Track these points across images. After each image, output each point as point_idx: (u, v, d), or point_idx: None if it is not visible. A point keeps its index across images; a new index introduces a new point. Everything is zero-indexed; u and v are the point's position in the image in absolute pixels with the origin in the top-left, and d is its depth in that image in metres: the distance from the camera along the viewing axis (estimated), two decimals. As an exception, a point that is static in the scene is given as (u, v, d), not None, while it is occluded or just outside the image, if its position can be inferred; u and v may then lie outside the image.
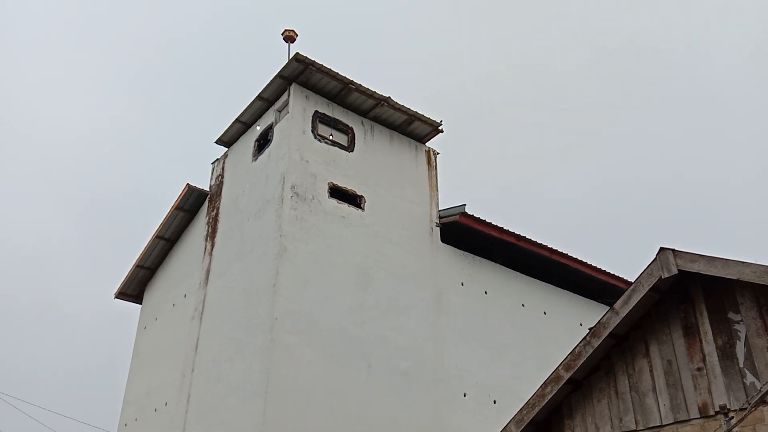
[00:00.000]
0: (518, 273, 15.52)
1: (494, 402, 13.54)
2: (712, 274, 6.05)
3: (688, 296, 6.47)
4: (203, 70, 54.34)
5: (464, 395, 13.28)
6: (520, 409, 7.27)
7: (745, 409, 5.65)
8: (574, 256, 15.78)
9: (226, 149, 16.12)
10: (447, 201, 15.48)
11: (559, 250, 15.54)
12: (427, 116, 15.18)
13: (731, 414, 5.68)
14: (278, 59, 16.98)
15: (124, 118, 51.88)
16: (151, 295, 17.10)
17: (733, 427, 5.44)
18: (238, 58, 53.48)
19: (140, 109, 52.63)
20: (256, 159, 14.46)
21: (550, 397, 7.03)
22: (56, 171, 48.30)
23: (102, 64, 52.90)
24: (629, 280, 15.28)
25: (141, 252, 16.90)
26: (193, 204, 16.25)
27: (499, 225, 14.83)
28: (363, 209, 13.82)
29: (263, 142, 14.59)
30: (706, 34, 49.98)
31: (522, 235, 15.04)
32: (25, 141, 47.30)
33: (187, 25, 53.63)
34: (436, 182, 15.56)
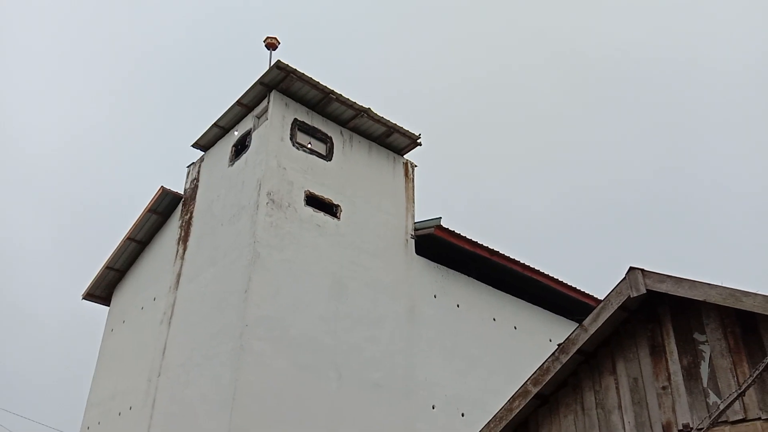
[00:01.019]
0: (490, 287, 15.63)
1: (462, 415, 13.58)
2: (680, 295, 6.18)
3: (655, 316, 6.59)
4: (184, 76, 54.03)
5: (433, 407, 13.30)
6: (488, 422, 7.31)
7: (707, 429, 5.76)
8: (546, 273, 15.95)
9: (203, 153, 16.02)
10: (422, 214, 15.59)
11: (532, 266, 15.70)
12: (406, 129, 15.28)
13: (694, 432, 5.78)
14: (259, 66, 16.97)
15: (102, 123, 51.37)
16: (120, 297, 16.86)
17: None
18: (219, 65, 53.34)
19: (119, 114, 52.18)
20: (233, 164, 14.39)
21: (517, 411, 7.08)
22: (30, 174, 47.57)
23: (84, 70, 52.37)
24: (599, 297, 15.49)
25: (111, 253, 16.67)
26: (166, 207, 16.09)
27: (473, 239, 14.94)
28: (339, 218, 13.83)
29: (240, 147, 14.53)
30: (690, 45, 50.90)
31: (495, 249, 15.17)
32: (6, 149, 46.54)
33: (170, 32, 53.37)
34: (413, 194, 15.64)
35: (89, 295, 17.30)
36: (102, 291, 17.23)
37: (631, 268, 6.54)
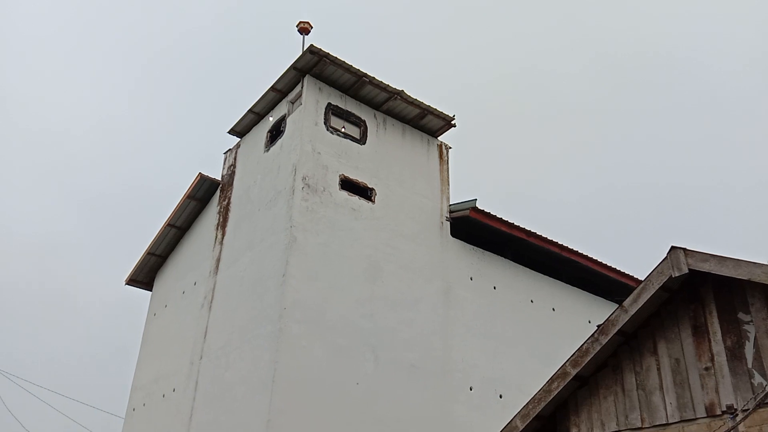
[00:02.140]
0: (527, 269, 15.51)
1: (500, 396, 13.57)
2: (723, 274, 6.04)
3: (697, 296, 6.46)
4: (218, 61, 54.50)
5: (470, 389, 13.32)
6: (526, 404, 7.29)
7: (753, 409, 5.65)
8: (584, 253, 15.74)
9: (239, 140, 16.19)
10: (457, 196, 15.51)
11: (569, 246, 15.51)
12: (440, 110, 15.17)
13: (737, 414, 5.67)
14: (293, 51, 17.03)
15: (138, 110, 52.19)
16: (162, 282, 17.23)
17: (737, 425, 5.44)
18: (252, 50, 53.64)
19: (155, 101, 52.93)
20: (269, 150, 14.52)
21: (556, 392, 7.04)
22: (69, 164, 48.69)
23: (116, 57, 53.24)
24: (639, 278, 15.25)
25: (152, 239, 17.04)
26: (204, 193, 16.34)
27: (509, 220, 14.82)
28: (374, 202, 13.85)
29: (275, 133, 14.63)
30: (709, 40, 49.66)
31: (532, 231, 15.03)
32: (34, 135, 47.70)
33: (202, 17, 53.80)
34: (448, 177, 15.56)
35: (132, 281, 17.73)
36: (144, 276, 17.64)
37: (672, 248, 6.41)
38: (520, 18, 53.54)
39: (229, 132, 16.10)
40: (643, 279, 6.65)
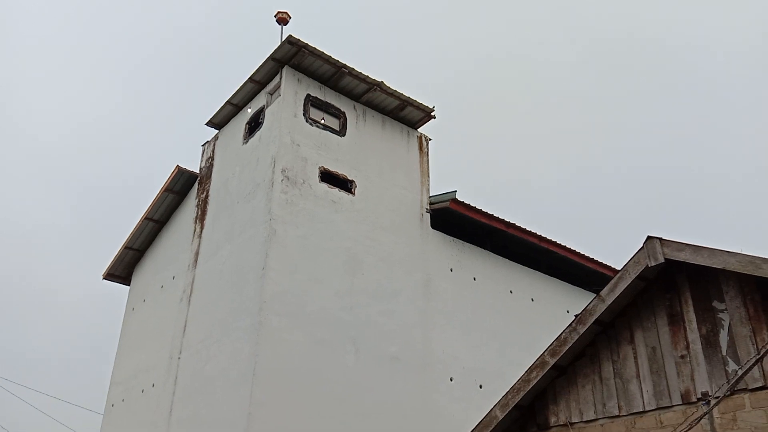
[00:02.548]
0: (507, 260, 15.60)
1: (480, 387, 13.66)
2: (698, 263, 6.12)
3: (673, 285, 6.53)
4: (196, 54, 53.95)
5: (451, 380, 13.38)
6: (505, 393, 7.34)
7: (726, 396, 5.73)
8: (563, 244, 15.87)
9: (217, 131, 16.04)
10: (437, 187, 15.52)
11: (548, 237, 15.62)
12: (420, 102, 15.15)
13: (711, 400, 5.76)
14: (271, 42, 16.88)
15: (114, 105, 51.56)
16: (140, 276, 17.06)
17: (710, 410, 5.52)
18: (233, 42, 53.11)
19: (133, 94, 52.29)
20: (247, 142, 14.40)
21: (535, 382, 7.10)
22: (49, 158, 48.02)
23: (96, 53, 52.47)
24: (616, 268, 15.40)
25: (130, 233, 16.84)
26: (183, 186, 16.17)
27: (488, 212, 14.87)
28: (354, 194, 13.82)
29: (254, 124, 14.51)
30: (705, 27, 50.12)
31: (511, 222, 15.10)
32: (18, 130, 46.97)
33: (180, 9, 53.12)
34: (428, 168, 15.57)
35: (110, 275, 17.52)
36: (122, 271, 17.44)
37: (649, 237, 6.48)
38: (507, 4, 53.64)
39: (207, 124, 15.94)
40: (620, 269, 6.71)
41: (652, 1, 51.61)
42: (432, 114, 15.46)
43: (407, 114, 15.36)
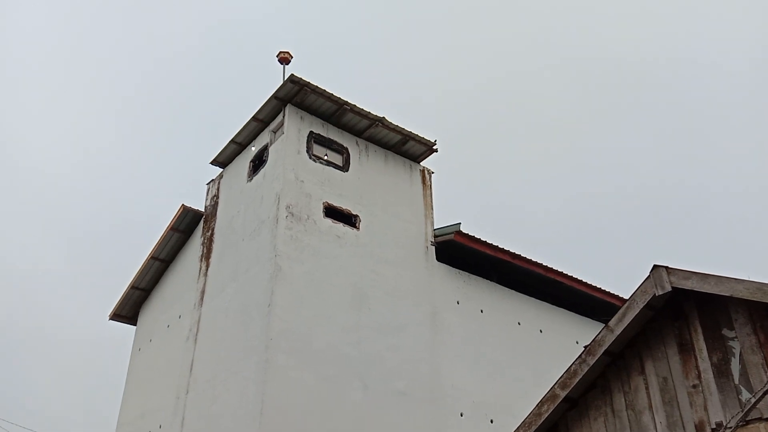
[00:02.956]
0: (514, 291, 15.52)
1: (491, 421, 13.47)
2: (706, 291, 6.08)
3: (682, 313, 6.49)
4: (197, 91, 54.63)
5: (461, 414, 13.21)
6: (517, 428, 7.24)
7: (741, 425, 5.65)
8: (570, 274, 15.80)
9: (222, 170, 16.17)
10: (442, 219, 15.55)
11: (555, 268, 15.57)
12: (422, 136, 15.28)
13: (726, 431, 5.67)
14: (273, 80, 17.11)
15: (114, 142, 52.08)
16: (146, 316, 17.02)
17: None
18: (232, 79, 53.87)
19: (134, 133, 52.85)
20: (251, 179, 14.50)
21: (546, 415, 7.00)
22: (48, 198, 48.25)
23: (93, 88, 53.17)
24: (624, 297, 15.30)
25: (136, 273, 16.85)
26: (188, 225, 16.25)
27: (494, 243, 14.86)
28: (358, 228, 13.85)
29: (258, 162, 14.64)
30: (697, 44, 50.62)
31: (517, 253, 15.07)
32: (17, 168, 47.33)
33: (180, 47, 54.04)
34: (431, 201, 15.62)
35: (116, 315, 17.48)
36: (128, 311, 17.41)
37: (655, 266, 6.46)
38: (494, 29, 54.36)
39: (211, 163, 16.09)
40: (627, 298, 6.68)
41: (652, 21, 52.27)
42: (434, 147, 15.58)
43: (409, 148, 15.49)
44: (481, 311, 14.75)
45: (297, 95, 14.00)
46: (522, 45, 54.14)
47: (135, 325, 17.41)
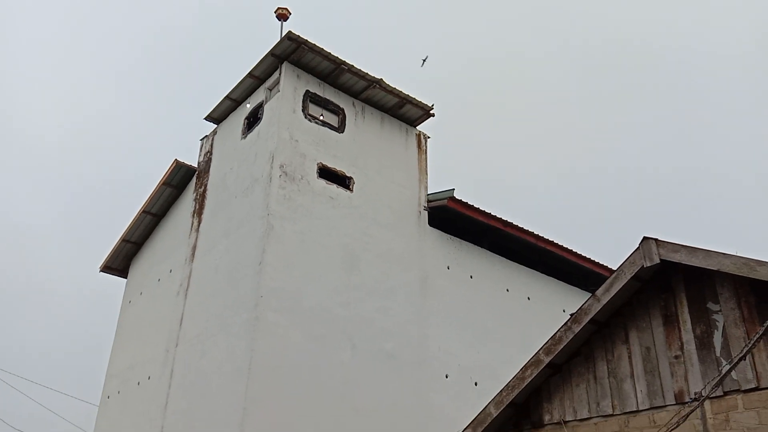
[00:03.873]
0: (504, 258, 15.63)
1: (476, 384, 13.70)
2: (694, 265, 6.15)
3: (669, 286, 6.57)
4: (196, 48, 53.79)
5: (446, 377, 13.43)
6: (500, 391, 7.38)
7: (719, 396, 5.78)
8: (560, 243, 15.90)
9: (216, 126, 16.03)
10: (435, 185, 15.54)
11: (545, 236, 15.66)
12: (419, 100, 15.16)
13: (706, 402, 5.80)
14: (271, 37, 16.85)
15: (113, 99, 51.45)
16: (137, 269, 17.07)
17: (698, 407, 5.56)
18: (230, 36, 53.01)
19: (130, 89, 52.19)
20: (246, 137, 14.40)
21: (529, 380, 7.14)
22: (42, 153, 47.83)
23: (91, 47, 52.33)
24: (613, 268, 15.43)
25: (127, 226, 16.84)
26: (181, 180, 16.17)
27: (486, 210, 14.90)
28: (352, 191, 13.83)
29: (253, 120, 14.51)
30: (698, 29, 50.24)
31: (509, 221, 15.13)
32: (13, 126, 46.80)
33: (178, 3, 52.99)
34: (426, 166, 15.58)
35: (107, 268, 17.53)
36: (119, 263, 17.45)
37: (644, 238, 6.51)
38: (495, 5, 53.65)
39: (205, 118, 15.93)
40: (616, 269, 6.75)
41: (654, 4, 51.74)
42: (431, 112, 15.47)
43: (406, 112, 15.38)
44: (471, 277, 14.87)
45: (294, 53, 13.81)
46: (525, 24, 53.58)
47: (126, 278, 17.48)
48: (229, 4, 53.17)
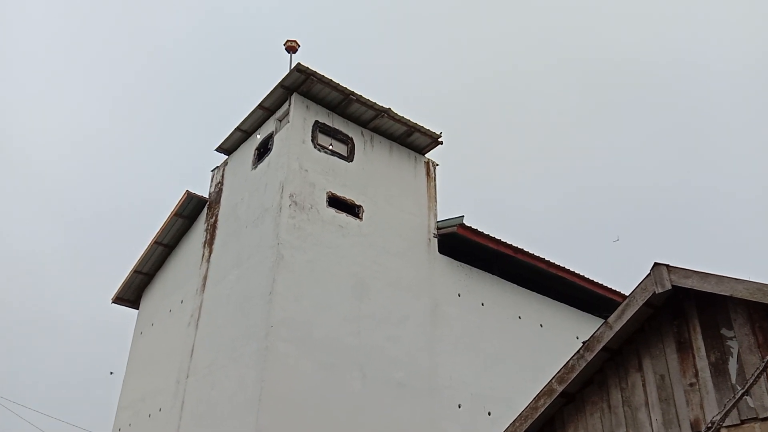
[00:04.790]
0: (515, 285, 15.55)
1: (489, 413, 13.53)
2: (706, 290, 6.09)
3: (681, 312, 6.50)
4: (205, 79, 54.62)
5: (459, 406, 13.27)
6: (513, 421, 7.28)
7: (736, 425, 5.68)
8: (571, 269, 15.82)
9: (227, 157, 16.19)
10: (444, 212, 15.56)
11: (556, 263, 15.58)
12: (427, 128, 15.26)
13: (722, 430, 5.70)
14: (280, 69, 17.06)
15: (125, 128, 52.12)
16: (148, 300, 17.11)
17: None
18: (240, 67, 53.81)
19: (142, 118, 52.89)
20: (256, 167, 14.52)
21: (543, 409, 7.04)
22: (53, 181, 48.31)
23: (98, 74, 53.17)
24: (625, 293, 15.31)
25: (139, 257, 16.93)
26: (192, 211, 16.29)
27: (496, 237, 14.87)
28: (361, 219, 13.87)
29: (263, 150, 14.65)
30: (696, 46, 50.51)
31: (519, 247, 15.09)
32: (20, 151, 47.37)
33: (189, 33, 53.97)
34: (435, 193, 15.62)
35: (118, 299, 17.59)
36: (131, 294, 17.50)
37: (655, 264, 6.47)
38: (494, 23, 54.23)
39: (216, 149, 16.11)
40: (627, 295, 6.70)
41: (652, 21, 52.08)
42: (439, 140, 15.56)
43: (414, 140, 15.48)
44: (482, 304, 14.78)
45: (303, 84, 13.99)
46: (524, 43, 54.14)
47: (137, 309, 17.51)
48: (239, 36, 54.13)
